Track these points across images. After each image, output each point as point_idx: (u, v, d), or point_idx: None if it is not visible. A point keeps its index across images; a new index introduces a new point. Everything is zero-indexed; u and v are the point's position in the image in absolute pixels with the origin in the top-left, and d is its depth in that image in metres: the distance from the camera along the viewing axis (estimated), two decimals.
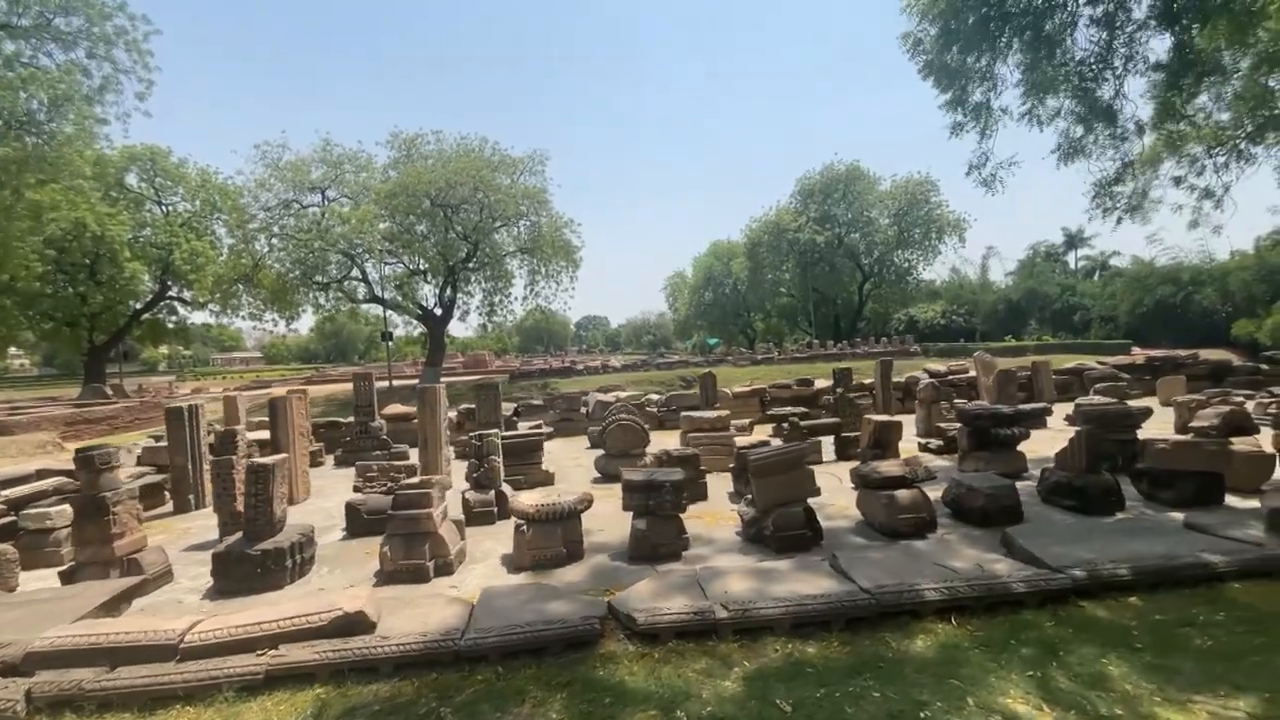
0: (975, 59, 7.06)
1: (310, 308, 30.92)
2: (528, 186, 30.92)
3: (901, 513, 5.13)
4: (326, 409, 17.86)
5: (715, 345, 49.58)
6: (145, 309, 35.21)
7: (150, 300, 35.07)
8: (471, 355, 63.50)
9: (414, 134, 31.60)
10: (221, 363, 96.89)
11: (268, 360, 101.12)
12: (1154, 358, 14.47)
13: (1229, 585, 3.97)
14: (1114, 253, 56.68)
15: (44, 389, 41.54)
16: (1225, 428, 7.08)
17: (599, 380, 23.71)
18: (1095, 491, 5.55)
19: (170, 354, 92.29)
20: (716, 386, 10.70)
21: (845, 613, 3.65)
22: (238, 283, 28.64)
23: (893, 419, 6.89)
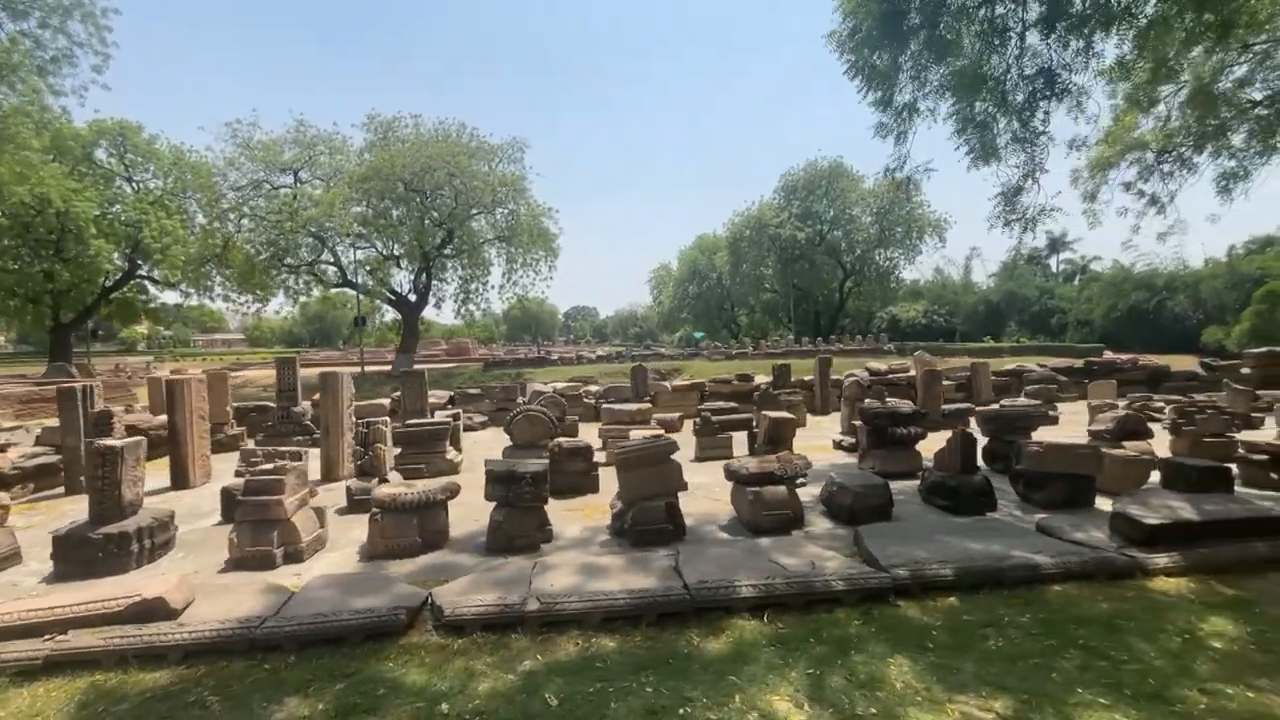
0: (883, 58, 7.02)
1: (279, 290, 30.64)
2: (506, 174, 30.73)
3: (766, 509, 5.13)
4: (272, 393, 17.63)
5: (700, 339, 49.78)
6: (114, 287, 34.74)
7: (120, 279, 34.60)
8: (454, 342, 63.23)
9: (391, 117, 31.26)
10: (203, 344, 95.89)
11: (250, 343, 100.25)
12: (1093, 362, 14.60)
13: (1050, 588, 3.99)
14: (1095, 257, 57.17)
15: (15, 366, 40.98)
16: (1119, 431, 7.15)
17: (572, 371, 23.66)
18: (967, 492, 5.57)
19: (150, 334, 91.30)
20: (647, 379, 10.67)
21: (656, 608, 3.63)
22: (208, 263, 28.32)
23: (787, 415, 6.89)
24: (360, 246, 30.45)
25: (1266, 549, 4.33)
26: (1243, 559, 4.28)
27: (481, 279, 31.91)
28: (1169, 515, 4.46)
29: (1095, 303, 44.57)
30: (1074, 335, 45.77)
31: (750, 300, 52.72)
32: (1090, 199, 15.25)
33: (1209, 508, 4.62)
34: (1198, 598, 3.88)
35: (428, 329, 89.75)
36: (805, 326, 45.64)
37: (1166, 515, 4.46)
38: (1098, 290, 44.96)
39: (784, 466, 5.32)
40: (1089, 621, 3.55)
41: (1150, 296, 40.62)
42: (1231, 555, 4.27)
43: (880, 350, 35.79)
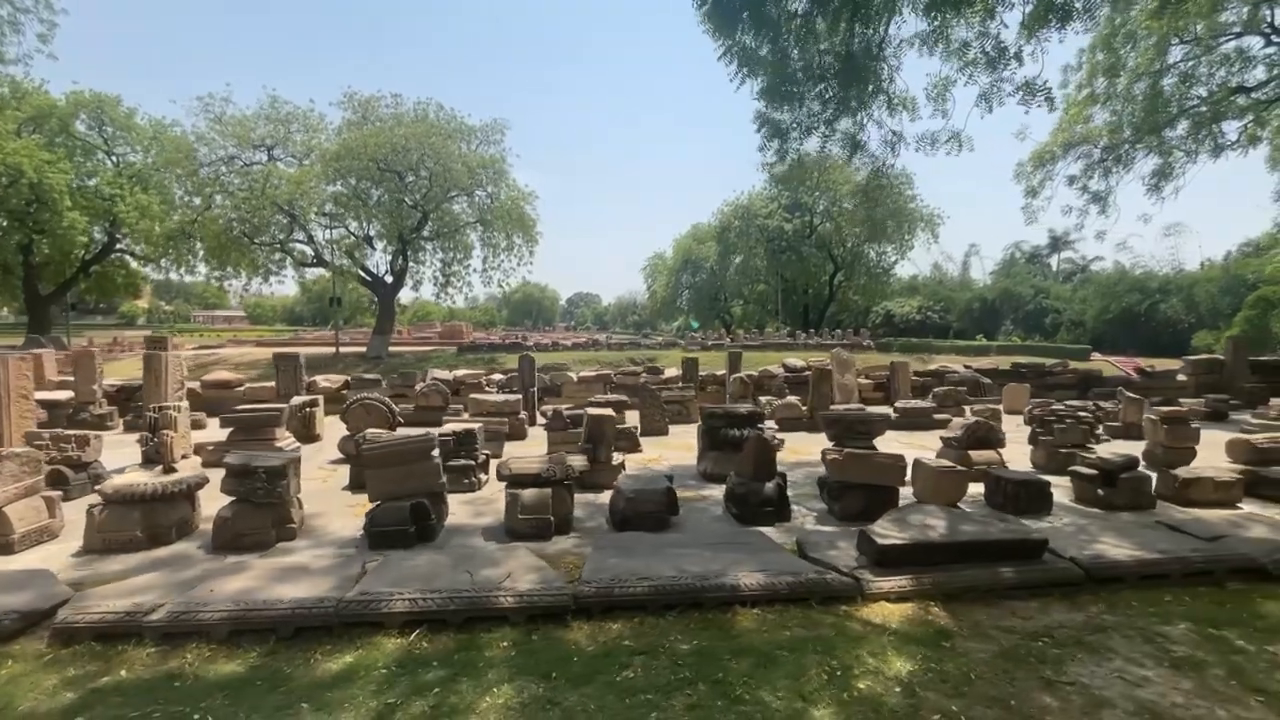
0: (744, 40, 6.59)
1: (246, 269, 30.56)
2: (484, 156, 30.31)
3: (523, 513, 4.85)
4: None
5: (696, 329, 49.43)
6: (94, 261, 34.88)
7: (99, 252, 34.71)
8: (448, 326, 63.21)
9: (370, 96, 30.86)
10: (203, 320, 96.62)
11: (251, 320, 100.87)
12: (1020, 364, 14.13)
13: (749, 611, 3.69)
14: (1096, 258, 55.97)
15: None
16: (967, 440, 6.80)
17: (547, 357, 23.44)
18: (755, 501, 5.27)
19: (151, 308, 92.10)
20: (533, 369, 10.39)
21: (294, 622, 3.38)
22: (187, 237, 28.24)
23: (607, 413, 6.57)
24: (333, 226, 30.26)
25: (1014, 575, 4.01)
26: (990, 584, 3.96)
27: (462, 262, 31.66)
28: (915, 535, 4.14)
29: (1088, 304, 43.78)
30: (1066, 336, 44.98)
31: (744, 291, 52.18)
32: (1032, 194, 14.79)
33: (967, 528, 4.29)
34: (903, 627, 3.57)
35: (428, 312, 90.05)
36: (795, 319, 45.09)
37: (912, 535, 4.14)
38: (1091, 291, 44.12)
39: (552, 467, 5.03)
40: (751, 653, 3.25)
41: (1143, 299, 39.77)
42: (970, 580, 3.95)
43: (859, 345, 35.22)
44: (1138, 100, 12.78)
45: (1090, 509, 5.78)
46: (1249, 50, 12.37)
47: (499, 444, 7.93)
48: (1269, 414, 9.36)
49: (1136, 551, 4.31)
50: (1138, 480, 5.71)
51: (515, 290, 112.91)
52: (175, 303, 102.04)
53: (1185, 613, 3.79)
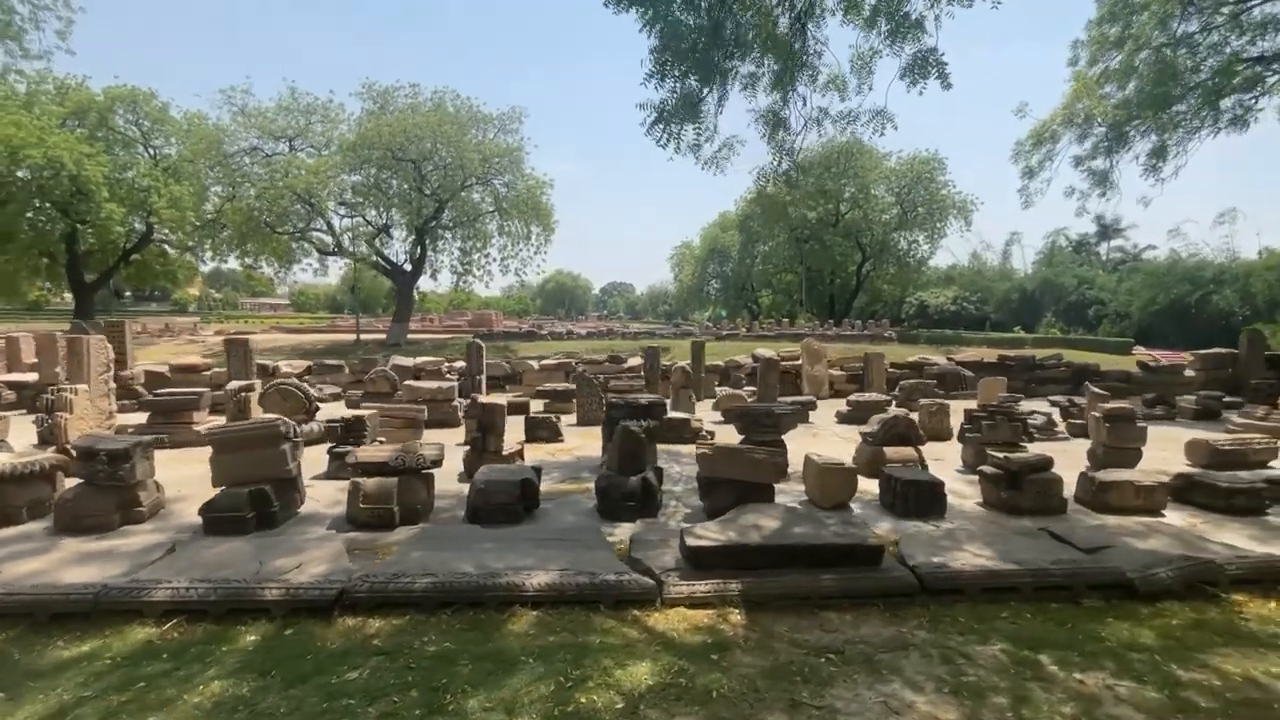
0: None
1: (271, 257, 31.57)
2: (501, 145, 30.43)
3: (365, 502, 4.75)
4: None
5: (724, 318, 48.96)
6: (133, 250, 36.58)
7: (138, 242, 36.38)
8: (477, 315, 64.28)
9: (388, 86, 31.30)
10: (250, 307, 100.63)
11: (296, 308, 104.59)
12: (1006, 357, 13.26)
13: (527, 613, 3.48)
14: (1148, 246, 52.69)
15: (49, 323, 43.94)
16: (885, 436, 6.39)
17: (559, 345, 23.47)
18: (615, 495, 5.03)
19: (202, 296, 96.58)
20: (483, 356, 10.29)
21: (51, 607, 3.36)
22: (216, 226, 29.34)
23: (497, 402, 6.40)
24: (352, 215, 30.94)
25: (836, 583, 3.68)
26: (808, 592, 3.65)
27: (481, 250, 32.01)
28: (735, 536, 3.85)
29: (1135, 295, 41.29)
30: (1109, 329, 42.62)
31: (772, 281, 51.27)
32: (1029, 175, 13.85)
33: (799, 530, 3.96)
34: (683, 636, 3.30)
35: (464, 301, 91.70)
36: (821, 309, 44.00)
37: (731, 536, 3.85)
38: (1138, 281, 41.57)
39: (402, 456, 4.90)
40: (497, 658, 3.06)
41: (1194, 290, 37.26)
42: (785, 586, 3.64)
43: (880, 337, 34.13)
44: (1143, 74, 11.75)
45: (994, 512, 5.33)
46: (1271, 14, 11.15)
47: (417, 431, 7.87)
48: (1255, 414, 8.51)
49: (991, 562, 3.91)
50: (1044, 482, 5.22)
51: (549, 280, 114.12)
52: (225, 291, 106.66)
53: (1013, 631, 3.40)
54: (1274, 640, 3.31)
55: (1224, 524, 5.06)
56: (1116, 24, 12.29)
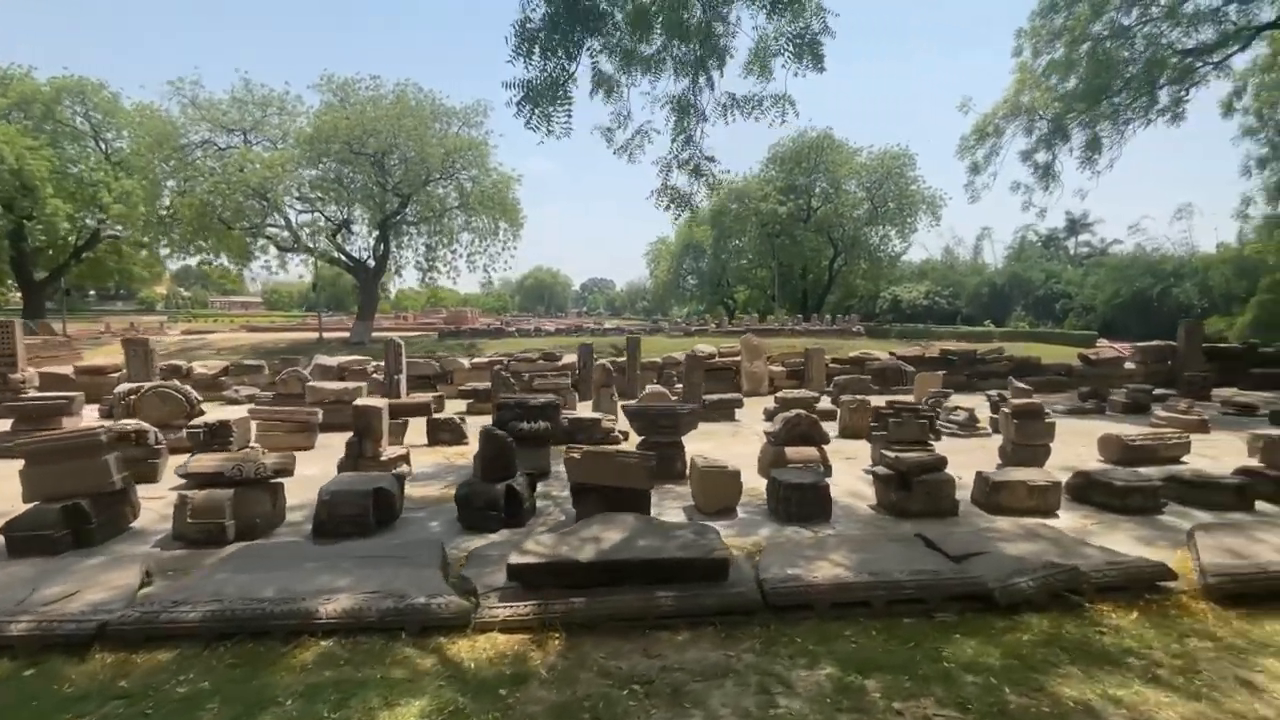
0: None
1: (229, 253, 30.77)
2: (465, 139, 29.81)
3: (193, 516, 4.35)
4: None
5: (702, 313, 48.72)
6: (85, 247, 35.38)
7: (89, 239, 35.19)
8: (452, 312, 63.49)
9: (348, 78, 30.50)
10: (220, 306, 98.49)
11: (268, 306, 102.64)
12: (948, 351, 13.14)
13: (315, 643, 3.13)
14: (1114, 241, 53.65)
15: None
16: (786, 435, 6.11)
17: (527, 343, 22.95)
18: (477, 503, 4.69)
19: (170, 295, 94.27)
20: (399, 355, 9.88)
21: None
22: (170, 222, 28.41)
23: (374, 404, 6.03)
24: (310, 210, 30.20)
25: (672, 602, 3.37)
26: (641, 612, 3.34)
27: (447, 246, 31.44)
28: (566, 552, 3.52)
29: (1099, 289, 41.86)
30: (1075, 322, 43.16)
31: (747, 277, 51.21)
32: (975, 170, 13.71)
33: (644, 543, 3.65)
34: (482, 667, 2.98)
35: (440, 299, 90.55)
36: (794, 305, 43.95)
37: (562, 552, 3.52)
38: (1103, 275, 42.17)
39: (239, 464, 4.51)
40: (253, 700, 2.71)
41: (1155, 283, 37.86)
42: (615, 607, 3.33)
43: (848, 332, 34.06)
44: (1083, 66, 11.62)
45: (884, 515, 5.08)
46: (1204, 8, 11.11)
47: (310, 435, 7.45)
48: (1178, 407, 8.39)
49: (847, 573, 3.63)
50: (935, 484, 4.98)
51: (527, 276, 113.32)
52: (193, 289, 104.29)
53: (849, 653, 3.12)
54: (1124, 657, 3.07)
55: (1117, 524, 4.86)
56: (1058, 15, 12.17)
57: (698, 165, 6.59)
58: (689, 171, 6.58)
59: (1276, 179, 14.12)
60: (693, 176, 6.62)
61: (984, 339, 29.77)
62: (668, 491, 5.71)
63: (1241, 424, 8.72)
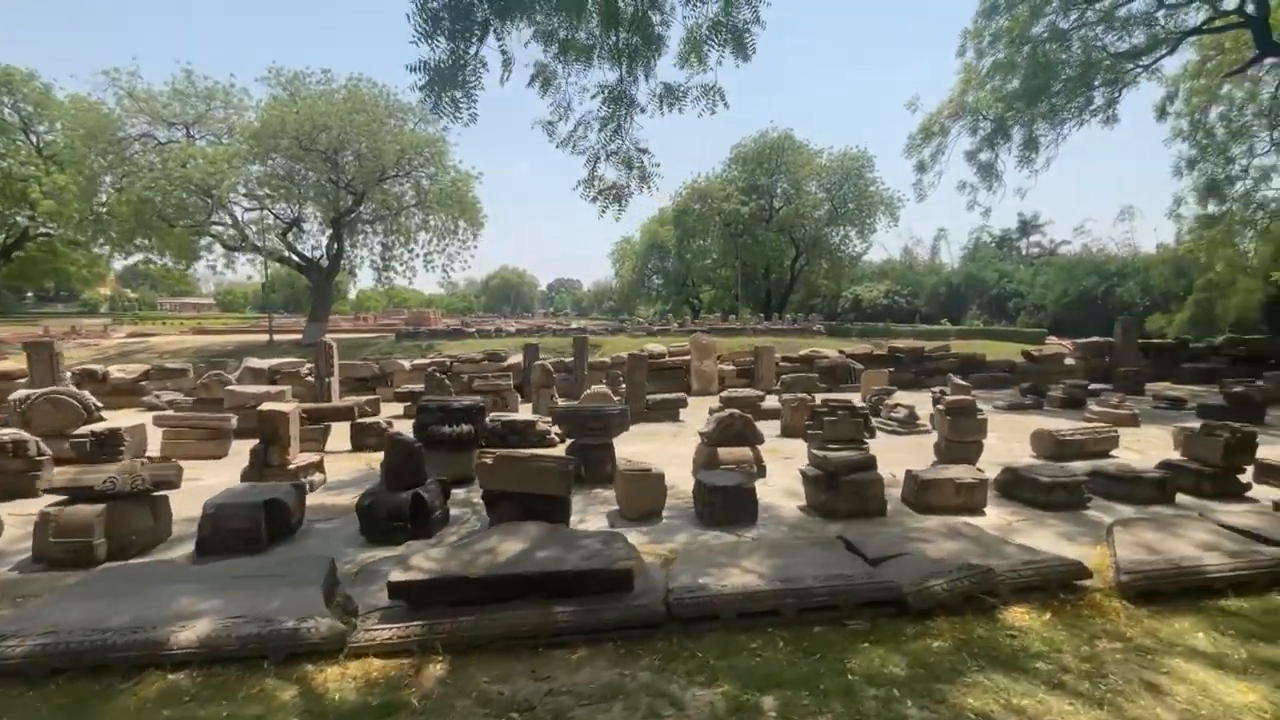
0: None
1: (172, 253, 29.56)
2: (421, 136, 29.11)
3: (56, 535, 3.96)
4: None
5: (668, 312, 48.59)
6: (15, 245, 33.52)
7: (19, 237, 33.35)
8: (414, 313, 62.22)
9: (298, 71, 29.49)
10: (169, 308, 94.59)
11: (221, 308, 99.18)
12: (896, 349, 13.29)
13: (163, 676, 2.81)
14: (1063, 241, 55.60)
15: None
16: (719, 435, 5.95)
17: (487, 344, 22.39)
18: (380, 513, 4.39)
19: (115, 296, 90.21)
20: (332, 358, 9.46)
21: None
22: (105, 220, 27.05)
23: (280, 409, 5.66)
24: (261, 208, 29.15)
25: (569, 617, 3.14)
26: (535, 630, 3.10)
27: (404, 245, 30.78)
28: (455, 566, 3.27)
29: (1049, 288, 43.29)
30: (1026, 320, 44.48)
31: (711, 276, 51.41)
32: (921, 170, 13.88)
33: (543, 554, 3.42)
34: (346, 698, 2.71)
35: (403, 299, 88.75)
36: (758, 304, 44.24)
37: (452, 566, 3.27)
38: (1052, 275, 43.63)
39: (112, 477, 4.12)
40: None
41: (1100, 282, 39.29)
42: (506, 624, 3.08)
43: (809, 331, 34.38)
44: (1023, 67, 11.85)
45: (813, 516, 4.95)
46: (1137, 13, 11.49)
47: (223, 443, 7.00)
48: (1111, 401, 8.56)
49: (757, 581, 3.46)
50: (862, 484, 4.87)
51: (493, 276, 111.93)
52: (140, 290, 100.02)
53: (750, 668, 2.94)
54: (1031, 662, 2.96)
55: (1042, 521, 4.82)
56: (1000, 16, 12.39)
57: (630, 157, 6.39)
58: (619, 164, 6.37)
59: (1205, 180, 14.69)
60: (624, 169, 6.42)
61: (940, 337, 30.41)
62: (595, 496, 5.50)
63: (1171, 417, 8.92)
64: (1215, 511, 4.78)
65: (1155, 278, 36.62)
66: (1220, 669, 2.91)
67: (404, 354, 19.27)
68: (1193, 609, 3.46)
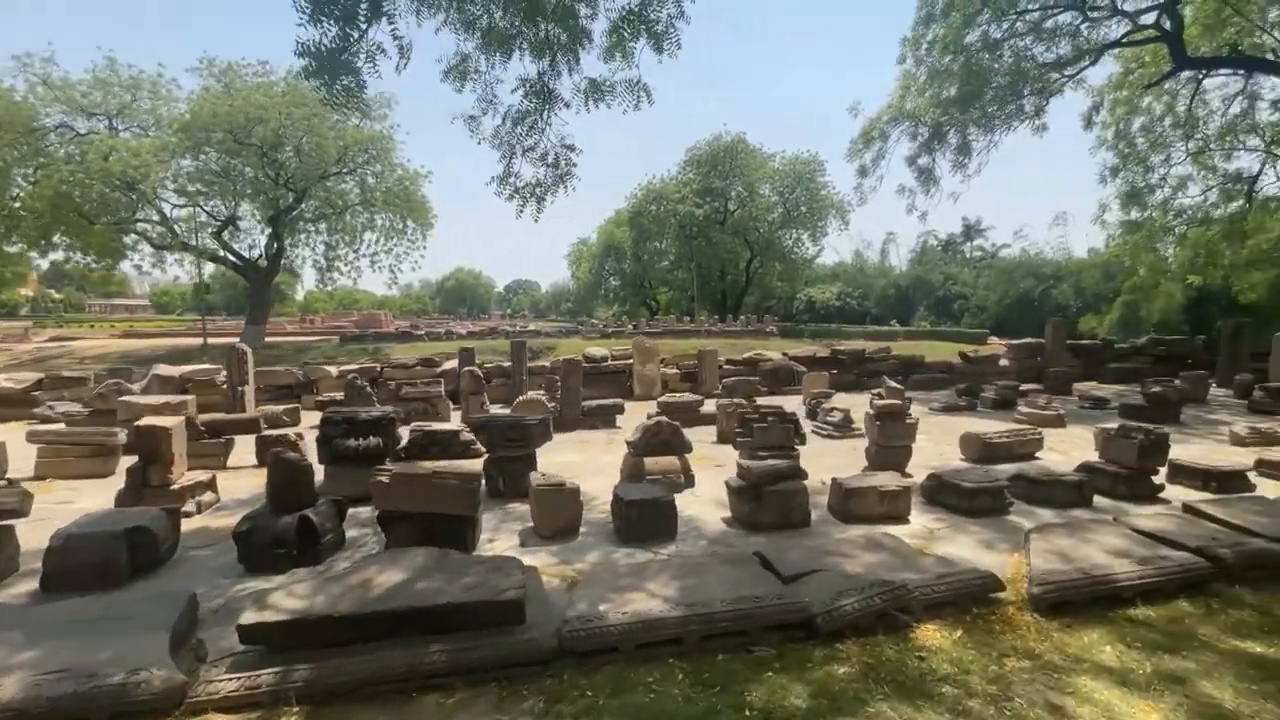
0: None
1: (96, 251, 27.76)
2: (366, 133, 28.06)
3: None
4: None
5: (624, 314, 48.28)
6: None
7: None
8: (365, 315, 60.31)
9: (232, 62, 28.06)
10: (99, 309, 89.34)
11: (157, 309, 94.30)
12: (838, 351, 13.44)
13: None
14: (1004, 245, 57.87)
15: None
16: (645, 445, 5.72)
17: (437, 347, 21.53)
18: (261, 539, 3.99)
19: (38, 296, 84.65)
20: (245, 363, 8.86)
21: None
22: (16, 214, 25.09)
23: (158, 424, 5.18)
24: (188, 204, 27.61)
25: (445, 658, 2.84)
26: (407, 672, 2.79)
27: (349, 245, 29.66)
28: (322, 604, 2.93)
29: (990, 290, 44.92)
30: (970, 321, 46.01)
31: (668, 278, 51.47)
32: (863, 174, 14.07)
33: (424, 585, 3.11)
34: None
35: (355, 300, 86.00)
36: (714, 306, 44.48)
37: (317, 604, 2.93)
38: (993, 277, 45.31)
39: None
40: None
41: (1037, 284, 40.98)
42: (375, 668, 2.76)
43: (763, 332, 34.61)
44: (957, 74, 12.12)
45: (737, 529, 4.77)
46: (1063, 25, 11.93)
47: (109, 461, 6.40)
48: (1038, 403, 8.76)
49: (663, 606, 3.23)
50: (785, 494, 4.71)
51: (448, 277, 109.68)
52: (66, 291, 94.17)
53: (642, 706, 2.70)
54: (938, 687, 2.81)
55: (964, 527, 4.76)
56: (936, 25, 12.63)
57: (553, 154, 6.12)
58: (538, 161, 6.09)
59: (1127, 187, 15.36)
60: (547, 167, 6.14)
61: (889, 338, 31.11)
62: (511, 512, 5.19)
63: (1095, 417, 9.16)
64: (1129, 514, 4.82)
65: (1087, 280, 38.39)
66: (1125, 686, 2.82)
67: (348, 357, 18.51)
68: (1102, 620, 3.40)
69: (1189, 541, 3.98)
